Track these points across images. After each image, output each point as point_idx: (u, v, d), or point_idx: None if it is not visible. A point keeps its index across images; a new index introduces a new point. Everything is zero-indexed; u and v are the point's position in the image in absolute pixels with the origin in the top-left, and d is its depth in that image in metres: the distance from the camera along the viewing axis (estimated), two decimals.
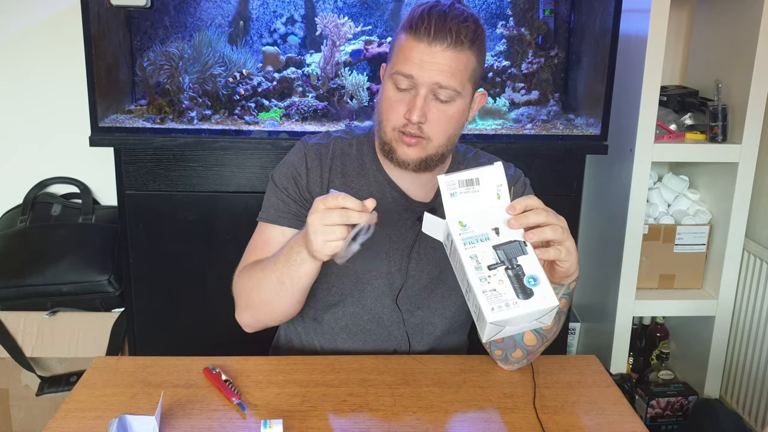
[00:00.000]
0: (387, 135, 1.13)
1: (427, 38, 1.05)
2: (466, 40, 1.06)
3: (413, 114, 1.07)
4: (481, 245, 0.87)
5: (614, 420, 1.01)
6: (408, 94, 1.09)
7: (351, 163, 1.21)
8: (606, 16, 1.75)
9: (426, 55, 1.05)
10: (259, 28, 1.96)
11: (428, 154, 1.12)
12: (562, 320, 1.09)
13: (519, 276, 0.85)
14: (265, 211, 1.21)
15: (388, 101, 1.11)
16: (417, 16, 1.06)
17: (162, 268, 1.85)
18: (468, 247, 0.87)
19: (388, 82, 1.11)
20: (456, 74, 1.07)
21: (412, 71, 1.06)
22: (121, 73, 1.89)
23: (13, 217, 2.10)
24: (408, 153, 1.11)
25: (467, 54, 1.07)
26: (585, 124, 1.88)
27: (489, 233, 0.88)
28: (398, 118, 1.10)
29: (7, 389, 1.98)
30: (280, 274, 1.07)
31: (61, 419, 0.98)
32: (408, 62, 1.06)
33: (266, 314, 1.15)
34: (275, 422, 0.91)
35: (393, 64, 1.10)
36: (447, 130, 1.12)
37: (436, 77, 1.06)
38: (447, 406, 1.03)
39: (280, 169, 1.22)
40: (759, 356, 1.92)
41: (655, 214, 2.02)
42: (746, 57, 1.82)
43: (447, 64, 1.06)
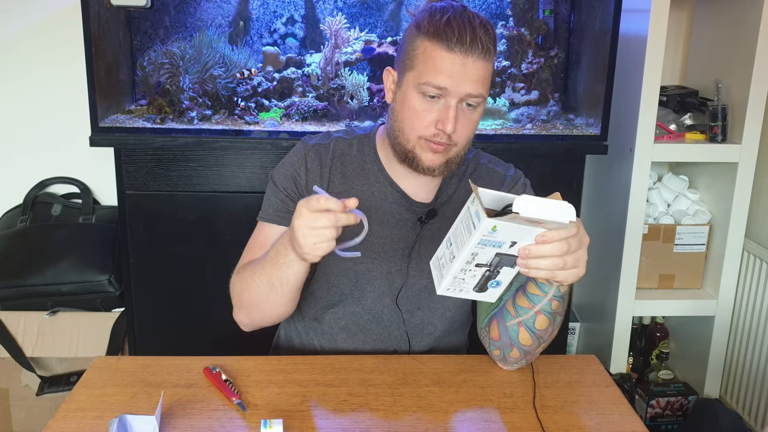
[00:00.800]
0: (410, 143, 1.11)
1: (461, 49, 1.03)
2: (492, 48, 1.06)
3: (447, 125, 1.06)
4: (489, 249, 0.90)
5: (614, 420, 1.01)
6: (437, 104, 1.08)
7: (351, 164, 1.21)
8: (606, 16, 1.75)
9: (459, 66, 1.04)
10: (259, 28, 1.97)
11: (450, 158, 1.13)
12: (557, 321, 1.09)
13: (489, 278, 0.94)
14: (265, 210, 1.21)
15: (415, 111, 1.09)
16: (444, 24, 1.04)
17: (162, 268, 1.85)
18: (479, 246, 0.89)
19: (413, 91, 1.08)
20: (484, 82, 1.08)
21: (446, 84, 1.05)
22: (121, 73, 1.89)
23: (13, 217, 2.10)
24: (433, 159, 1.11)
25: (491, 62, 1.08)
26: (585, 124, 1.88)
27: (505, 242, 0.90)
28: (426, 128, 1.09)
29: (8, 389, 1.98)
30: (269, 276, 1.07)
31: (62, 419, 0.98)
32: (440, 74, 1.05)
33: (258, 314, 1.15)
34: (275, 422, 0.91)
35: (420, 74, 1.07)
36: (469, 135, 1.13)
37: (469, 88, 1.06)
38: (447, 406, 1.03)
39: (280, 170, 1.22)
40: (759, 356, 1.92)
41: (654, 214, 2.02)
42: (746, 57, 1.82)
43: (478, 74, 1.06)
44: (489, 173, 1.25)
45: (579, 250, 0.93)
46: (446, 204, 1.22)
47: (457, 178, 1.24)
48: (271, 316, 1.16)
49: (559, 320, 1.09)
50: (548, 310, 1.05)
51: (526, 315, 1.07)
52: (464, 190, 1.23)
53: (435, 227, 1.20)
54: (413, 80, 1.08)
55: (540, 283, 1.03)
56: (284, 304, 1.12)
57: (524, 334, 1.08)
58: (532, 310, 1.05)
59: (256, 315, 1.15)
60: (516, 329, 1.09)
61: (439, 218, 1.20)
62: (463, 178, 1.24)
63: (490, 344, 1.14)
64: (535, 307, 1.05)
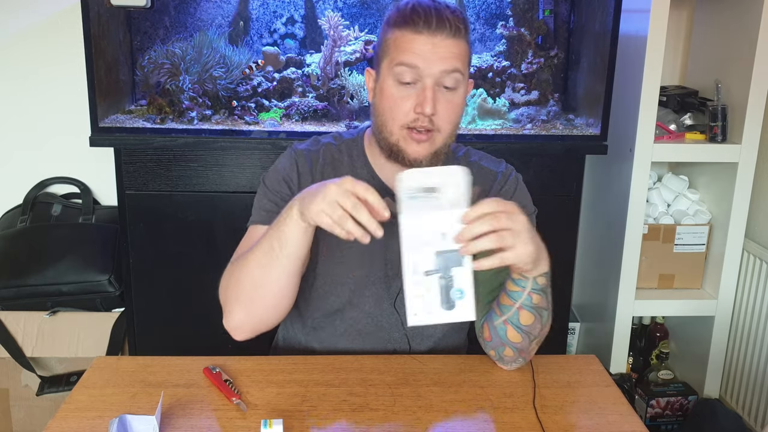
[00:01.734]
0: (394, 135, 1.11)
1: (428, 29, 1.05)
2: (462, 28, 1.07)
3: (426, 106, 1.06)
4: (425, 249, 0.89)
5: (614, 420, 1.01)
6: (413, 88, 1.08)
7: (343, 170, 1.20)
8: (606, 16, 1.75)
9: (429, 45, 1.05)
10: (259, 29, 1.97)
11: (437, 148, 1.11)
12: (544, 316, 1.08)
13: (448, 287, 0.90)
14: (257, 213, 1.20)
15: (393, 99, 1.09)
16: (409, 11, 1.07)
17: (162, 268, 1.85)
18: (411, 250, 0.90)
19: (389, 80, 1.09)
20: (458, 58, 1.07)
21: (417, 62, 1.05)
22: (121, 73, 1.89)
23: (13, 217, 2.10)
24: (419, 150, 1.10)
25: (463, 42, 1.08)
26: (585, 124, 1.88)
27: (434, 238, 0.89)
28: (406, 114, 1.08)
29: (8, 389, 1.98)
30: (269, 239, 1.05)
31: (61, 419, 0.98)
32: (411, 53, 1.06)
33: (258, 302, 1.09)
34: (275, 422, 0.91)
35: (393, 59, 1.08)
36: (454, 120, 1.11)
37: (442, 65, 1.06)
38: (447, 406, 1.03)
39: (271, 174, 1.21)
40: (759, 356, 1.92)
41: (654, 214, 2.02)
42: (746, 57, 1.82)
43: (450, 51, 1.06)
44: (480, 171, 1.23)
45: (514, 226, 0.92)
46: None
47: None
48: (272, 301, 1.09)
49: (546, 315, 1.08)
50: (530, 304, 1.05)
51: (509, 312, 1.07)
52: None
53: None
54: (387, 68, 1.09)
55: (516, 278, 1.03)
56: (283, 281, 1.07)
57: (512, 331, 1.08)
58: (513, 306, 1.06)
59: (255, 304, 1.09)
60: (504, 327, 1.09)
61: None
62: None
63: (486, 346, 1.15)
64: (516, 303, 1.05)
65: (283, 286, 1.08)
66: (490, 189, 1.21)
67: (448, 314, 0.91)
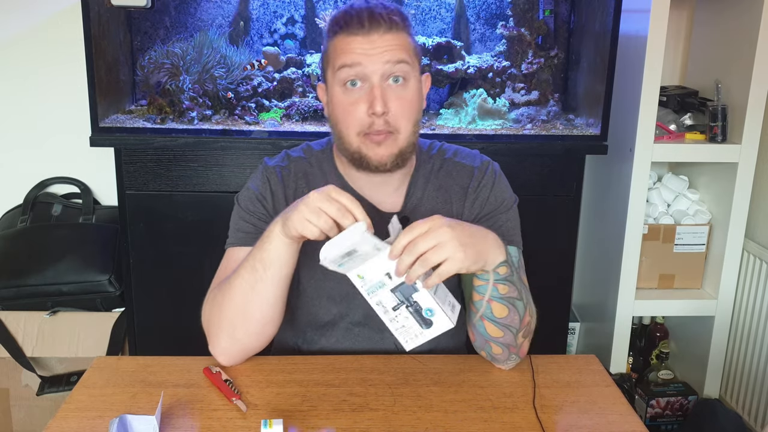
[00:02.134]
0: (353, 144, 1.09)
1: (362, 30, 1.04)
2: (399, 21, 1.06)
3: (376, 105, 1.04)
4: (381, 291, 0.96)
5: (614, 420, 1.01)
6: (361, 90, 1.06)
7: (316, 183, 1.18)
8: (606, 17, 1.75)
9: (366, 44, 1.04)
10: (259, 29, 1.97)
11: (400, 148, 1.10)
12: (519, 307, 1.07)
13: (418, 311, 0.97)
14: (234, 235, 1.18)
15: (343, 107, 1.08)
16: (341, 16, 1.06)
17: (162, 268, 1.85)
18: (372, 295, 0.97)
19: (336, 87, 1.08)
20: (401, 48, 1.06)
21: (358, 59, 1.04)
22: (121, 73, 1.89)
23: (13, 217, 2.10)
24: (381, 153, 1.09)
25: (404, 34, 1.07)
26: (585, 124, 1.88)
27: (383, 279, 0.95)
28: (360, 120, 1.07)
29: (8, 389, 1.98)
30: (252, 260, 1.04)
31: (62, 419, 0.98)
32: (351, 54, 1.05)
33: (242, 326, 1.07)
34: (275, 422, 0.91)
35: (334, 65, 1.07)
36: (411, 116, 1.09)
37: (384, 57, 1.04)
38: (447, 406, 1.03)
39: (245, 194, 1.19)
40: (759, 356, 1.92)
41: (654, 214, 2.02)
42: (746, 57, 1.82)
43: (389, 44, 1.05)
44: (457, 168, 1.21)
45: (437, 241, 0.93)
46: (416, 208, 1.19)
47: (424, 178, 1.20)
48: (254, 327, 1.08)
49: (522, 305, 1.07)
50: (498, 296, 1.05)
51: (482, 307, 1.07)
52: (432, 191, 1.20)
53: None
54: (332, 76, 1.09)
55: (478, 273, 1.03)
56: (268, 299, 1.05)
57: (490, 326, 1.08)
58: (483, 300, 1.06)
59: (239, 330, 1.07)
60: (481, 323, 1.08)
61: None
62: (429, 177, 1.20)
63: (475, 347, 1.15)
64: (485, 297, 1.05)
65: (267, 311, 1.08)
66: (468, 185, 1.20)
67: (431, 331, 0.98)
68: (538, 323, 1.15)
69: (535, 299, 1.16)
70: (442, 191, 1.20)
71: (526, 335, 1.11)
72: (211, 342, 1.11)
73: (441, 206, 1.20)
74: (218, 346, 1.10)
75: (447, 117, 1.90)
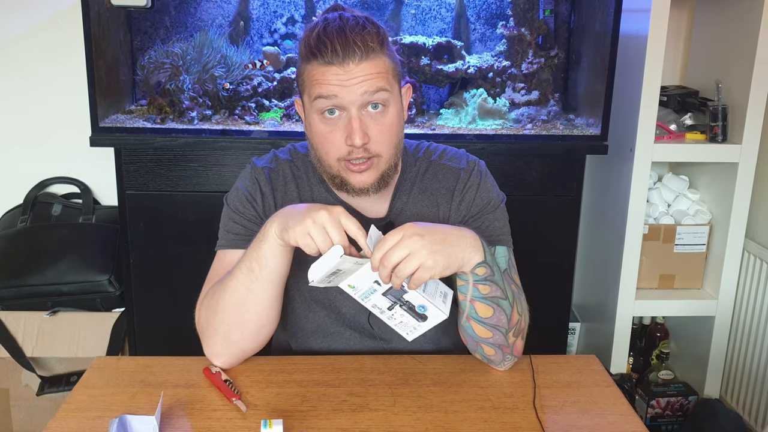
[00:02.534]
0: (333, 168, 1.08)
1: (337, 59, 1.00)
2: (375, 45, 1.02)
3: (355, 138, 1.02)
4: (374, 296, 1.00)
5: (614, 420, 1.01)
6: (340, 119, 1.04)
7: (303, 187, 1.18)
8: (606, 16, 1.75)
9: (342, 74, 1.01)
10: (259, 28, 1.97)
11: (382, 172, 1.09)
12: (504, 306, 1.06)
13: (412, 308, 1.01)
14: (224, 237, 1.17)
15: (322, 135, 1.06)
16: (314, 41, 1.02)
17: (162, 268, 1.85)
18: (366, 300, 1.01)
19: (314, 116, 1.06)
20: (379, 76, 1.03)
21: (335, 92, 1.02)
22: (121, 73, 1.89)
23: (13, 217, 2.10)
24: (363, 180, 1.08)
25: (381, 58, 1.03)
26: (585, 124, 1.88)
27: (373, 286, 0.99)
28: (339, 149, 1.05)
29: (8, 389, 1.98)
30: (249, 260, 1.03)
31: (62, 419, 0.98)
32: (326, 85, 1.02)
33: (236, 330, 1.07)
34: (275, 422, 0.91)
35: (310, 93, 1.05)
36: (392, 140, 1.08)
37: (362, 88, 1.02)
38: (447, 406, 1.03)
39: (235, 194, 1.18)
40: (759, 356, 1.92)
41: (655, 214, 2.02)
42: (746, 57, 1.82)
43: (365, 74, 1.02)
44: (443, 171, 1.20)
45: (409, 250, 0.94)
46: (402, 213, 1.18)
47: (409, 182, 1.19)
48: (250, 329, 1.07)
49: (507, 305, 1.07)
50: (480, 296, 1.04)
51: (466, 308, 1.07)
52: (418, 195, 1.19)
53: None
54: (309, 103, 1.06)
55: (459, 274, 1.03)
56: (263, 299, 1.05)
57: (477, 326, 1.07)
58: (467, 300, 1.06)
59: (234, 332, 1.07)
60: (469, 325, 1.08)
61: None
62: (415, 181, 1.19)
63: (470, 351, 1.14)
64: (467, 297, 1.05)
65: (263, 313, 1.08)
66: (454, 188, 1.19)
67: (427, 324, 1.02)
68: (538, 323, 1.15)
69: (535, 299, 1.16)
70: (428, 194, 1.19)
71: (517, 334, 1.10)
72: (206, 345, 1.11)
73: (427, 209, 1.19)
74: (214, 349, 1.10)
75: (447, 117, 1.90)
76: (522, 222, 1.24)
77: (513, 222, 1.22)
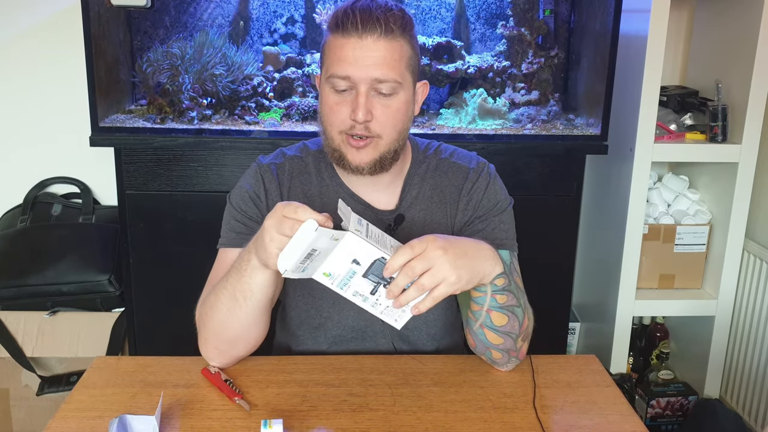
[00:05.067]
0: (334, 140, 1.09)
1: (356, 32, 1.02)
2: (396, 27, 1.03)
3: (358, 113, 1.04)
4: (353, 280, 0.93)
5: (614, 420, 1.01)
6: (349, 95, 1.06)
7: (311, 182, 1.19)
8: (606, 16, 1.75)
9: (358, 49, 1.02)
10: (259, 28, 1.97)
11: (381, 154, 1.09)
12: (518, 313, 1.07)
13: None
14: (225, 236, 1.17)
15: (329, 106, 1.08)
16: (341, 14, 1.04)
17: (162, 268, 1.85)
18: (345, 288, 0.94)
19: (326, 87, 1.08)
20: (393, 65, 1.04)
21: (348, 71, 1.03)
22: (121, 73, 1.89)
23: (13, 217, 2.10)
24: (360, 157, 1.08)
25: (400, 42, 1.05)
26: (585, 124, 1.88)
27: (352, 267, 0.92)
28: (343, 121, 1.07)
29: (8, 389, 1.98)
30: (232, 289, 1.03)
31: (62, 419, 0.98)
32: (342, 62, 1.03)
33: (225, 341, 1.08)
34: (275, 422, 0.91)
35: (326, 69, 1.07)
36: (396, 125, 1.08)
37: (374, 72, 1.03)
38: (447, 406, 1.03)
39: (238, 192, 1.18)
40: (759, 356, 1.92)
41: (655, 214, 2.02)
42: (746, 57, 1.82)
43: (381, 55, 1.03)
44: (453, 169, 1.21)
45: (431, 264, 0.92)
46: (412, 206, 1.18)
47: (419, 177, 1.20)
48: (239, 340, 1.09)
49: (521, 311, 1.07)
50: (497, 305, 1.04)
51: (481, 317, 1.06)
52: (428, 190, 1.19)
53: (405, 232, 1.16)
54: (324, 76, 1.08)
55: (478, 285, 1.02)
56: (250, 324, 1.06)
57: (490, 334, 1.07)
58: (482, 310, 1.05)
59: (224, 342, 1.08)
60: (482, 331, 1.08)
61: (409, 222, 1.17)
62: (425, 177, 1.20)
63: (475, 353, 1.15)
64: (484, 308, 1.05)
65: (248, 331, 1.08)
66: (462, 186, 1.19)
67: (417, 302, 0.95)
68: (538, 323, 1.15)
69: (535, 299, 1.16)
70: (437, 191, 1.20)
71: (525, 339, 1.11)
72: (200, 347, 1.12)
73: (436, 206, 1.19)
74: (207, 353, 1.12)
75: (447, 117, 1.90)
76: (522, 222, 1.24)
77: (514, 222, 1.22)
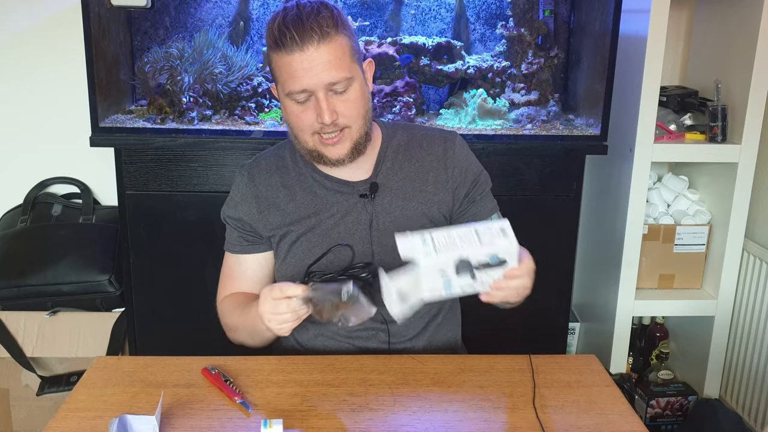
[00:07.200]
0: (308, 143, 1.17)
1: (297, 46, 1.08)
2: (330, 29, 1.09)
3: (324, 116, 1.11)
4: (453, 283, 0.99)
5: (614, 420, 1.01)
6: (310, 102, 1.13)
7: (288, 173, 1.26)
8: (606, 17, 1.75)
9: (305, 61, 1.09)
10: (259, 28, 1.97)
11: (354, 141, 1.16)
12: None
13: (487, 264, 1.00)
14: (229, 241, 1.30)
15: (296, 116, 1.15)
16: (277, 32, 1.10)
17: (162, 268, 1.85)
18: (450, 292, 1.00)
19: (287, 101, 1.14)
20: (339, 64, 1.10)
21: (303, 84, 1.10)
22: (121, 73, 1.89)
23: (13, 217, 2.10)
24: (337, 151, 1.16)
25: (338, 40, 1.10)
26: (585, 124, 1.88)
27: (448, 276, 0.98)
28: (312, 125, 1.14)
29: (8, 389, 1.98)
30: (250, 331, 1.17)
31: (62, 419, 0.99)
32: (294, 78, 1.10)
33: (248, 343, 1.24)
34: (275, 422, 0.91)
35: (282, 86, 1.14)
36: (359, 111, 1.15)
37: (325, 78, 1.10)
38: (447, 406, 1.03)
39: (229, 204, 1.29)
40: (759, 356, 1.92)
41: (654, 214, 2.02)
42: (746, 57, 1.82)
43: (326, 59, 1.09)
44: (426, 140, 1.27)
45: (528, 284, 1.05)
46: (387, 176, 1.24)
47: (392, 149, 1.26)
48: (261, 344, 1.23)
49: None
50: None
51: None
52: (404, 162, 1.25)
53: (386, 201, 1.23)
54: (282, 92, 1.15)
55: None
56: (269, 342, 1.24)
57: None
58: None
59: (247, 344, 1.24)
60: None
61: (385, 192, 1.23)
62: (398, 149, 1.26)
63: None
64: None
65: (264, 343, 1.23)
66: (443, 153, 1.25)
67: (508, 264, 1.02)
68: (538, 323, 1.16)
69: (535, 299, 1.16)
70: (414, 162, 1.25)
71: None
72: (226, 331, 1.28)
73: (416, 176, 1.25)
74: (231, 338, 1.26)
75: (447, 117, 1.90)
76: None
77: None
